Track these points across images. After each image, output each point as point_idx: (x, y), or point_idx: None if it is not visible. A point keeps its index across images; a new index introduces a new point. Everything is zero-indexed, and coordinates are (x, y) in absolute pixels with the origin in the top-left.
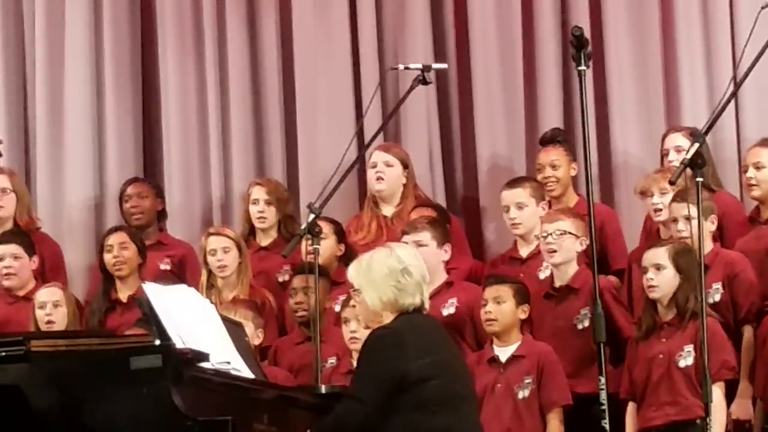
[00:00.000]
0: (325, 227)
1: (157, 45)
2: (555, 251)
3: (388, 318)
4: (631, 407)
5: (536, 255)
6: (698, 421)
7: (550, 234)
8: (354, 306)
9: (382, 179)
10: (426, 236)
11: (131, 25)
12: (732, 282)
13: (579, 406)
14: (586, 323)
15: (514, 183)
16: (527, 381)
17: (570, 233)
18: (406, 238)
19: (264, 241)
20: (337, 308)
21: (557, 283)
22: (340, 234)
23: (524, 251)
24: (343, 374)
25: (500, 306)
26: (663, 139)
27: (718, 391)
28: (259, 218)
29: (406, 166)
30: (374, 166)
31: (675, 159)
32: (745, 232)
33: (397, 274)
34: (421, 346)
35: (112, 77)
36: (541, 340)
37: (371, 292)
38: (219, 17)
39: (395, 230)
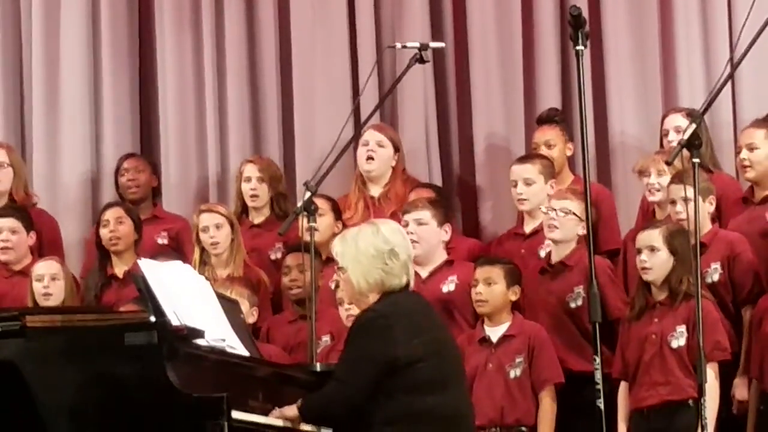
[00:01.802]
0: (323, 205)
1: (154, 21)
2: (556, 227)
3: (373, 298)
4: (623, 387)
5: (539, 231)
6: (690, 401)
7: (555, 210)
8: (338, 281)
9: (373, 159)
10: (426, 215)
11: (129, 1)
12: (732, 263)
13: (569, 384)
14: (579, 302)
15: (524, 159)
16: (518, 360)
17: (575, 214)
18: (406, 216)
19: (257, 218)
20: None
21: (554, 260)
22: (338, 212)
23: (528, 227)
24: (339, 352)
25: (491, 287)
26: (662, 120)
27: (710, 372)
28: (251, 196)
29: (397, 149)
30: (366, 144)
31: (674, 140)
32: (741, 213)
33: (384, 255)
34: (409, 327)
35: (109, 53)
36: (535, 316)
37: (357, 273)
38: None
39: (383, 210)
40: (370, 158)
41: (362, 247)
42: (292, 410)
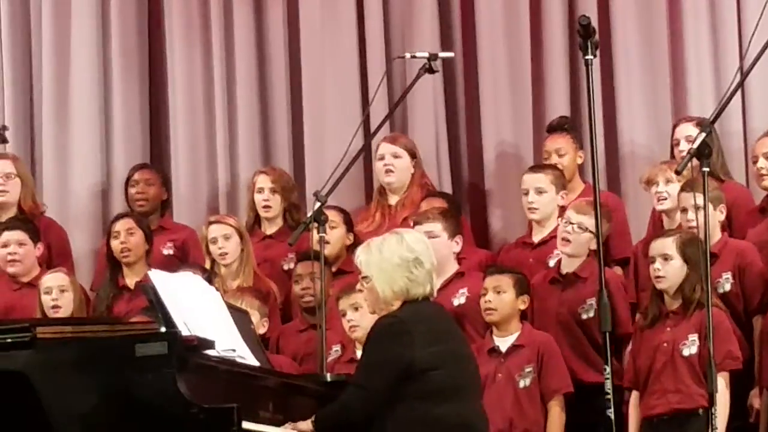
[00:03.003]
0: (335, 217)
1: (164, 31)
2: (569, 242)
3: (396, 305)
4: (633, 396)
5: (548, 241)
6: (700, 410)
7: (572, 224)
8: (360, 290)
9: (392, 171)
10: (437, 227)
11: (138, 11)
12: (743, 272)
13: (582, 396)
14: (591, 314)
15: (537, 168)
16: (528, 370)
17: (591, 232)
18: (417, 228)
19: (269, 229)
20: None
21: (564, 270)
22: (350, 223)
23: (537, 237)
24: (345, 363)
25: (500, 296)
26: (673, 129)
27: (721, 381)
28: (264, 207)
29: (413, 155)
30: (382, 159)
31: (686, 149)
32: (754, 222)
33: (409, 264)
34: (427, 335)
35: (119, 64)
36: (544, 326)
37: (382, 282)
38: (226, 5)
39: (398, 217)
40: (389, 171)
41: (387, 256)
42: (306, 425)
